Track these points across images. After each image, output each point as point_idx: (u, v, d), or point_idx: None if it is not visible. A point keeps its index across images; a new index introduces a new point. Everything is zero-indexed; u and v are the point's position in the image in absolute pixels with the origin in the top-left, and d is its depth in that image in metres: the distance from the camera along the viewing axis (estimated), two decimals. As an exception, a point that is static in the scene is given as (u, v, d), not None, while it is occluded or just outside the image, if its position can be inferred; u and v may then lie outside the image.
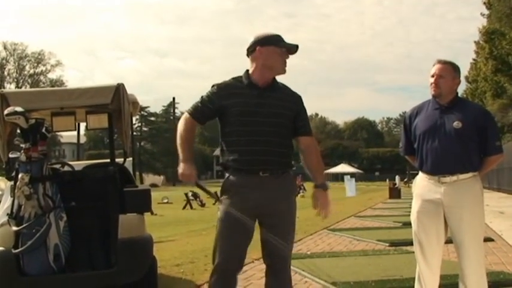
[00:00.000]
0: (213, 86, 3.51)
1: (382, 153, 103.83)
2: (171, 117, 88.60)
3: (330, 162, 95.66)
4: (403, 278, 5.70)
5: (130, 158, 5.62)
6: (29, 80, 79.14)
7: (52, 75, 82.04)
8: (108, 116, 4.83)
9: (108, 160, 5.01)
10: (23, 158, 4.32)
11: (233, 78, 3.52)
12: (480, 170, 4.02)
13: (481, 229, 4.07)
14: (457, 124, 3.85)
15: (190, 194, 23.55)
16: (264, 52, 3.41)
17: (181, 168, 3.35)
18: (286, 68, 3.51)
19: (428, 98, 4.07)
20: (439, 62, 4.01)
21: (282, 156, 3.47)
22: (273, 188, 3.41)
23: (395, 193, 26.92)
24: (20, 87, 77.21)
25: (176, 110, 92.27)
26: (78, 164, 6.04)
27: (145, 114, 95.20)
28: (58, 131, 5.73)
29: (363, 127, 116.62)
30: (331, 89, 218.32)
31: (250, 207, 3.38)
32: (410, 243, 8.05)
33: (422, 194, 4.02)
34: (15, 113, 4.18)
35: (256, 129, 3.38)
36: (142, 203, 4.68)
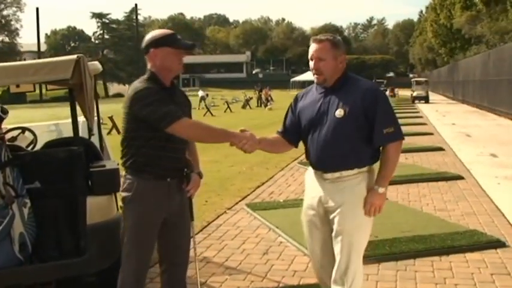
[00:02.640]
0: (143, 89, 3.32)
1: (349, 60, 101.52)
2: (134, 24, 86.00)
3: (297, 69, 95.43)
4: (378, 239, 5.65)
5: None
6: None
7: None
8: (70, 91, 4.45)
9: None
10: (-23, 146, 3.98)
11: (147, 81, 3.38)
12: (382, 166, 3.35)
13: (359, 236, 3.37)
14: (339, 112, 3.26)
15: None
16: (159, 54, 3.36)
17: (238, 139, 3.35)
18: None
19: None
20: (315, 40, 3.39)
21: (186, 160, 3.55)
22: (180, 193, 3.51)
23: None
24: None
25: (139, 17, 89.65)
26: (38, 127, 5.73)
27: (107, 21, 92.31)
28: (17, 93, 5.40)
29: (330, 33, 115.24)
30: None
31: (162, 213, 3.46)
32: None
33: (308, 188, 3.56)
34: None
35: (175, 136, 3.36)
36: (110, 183, 4.41)
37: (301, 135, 3.51)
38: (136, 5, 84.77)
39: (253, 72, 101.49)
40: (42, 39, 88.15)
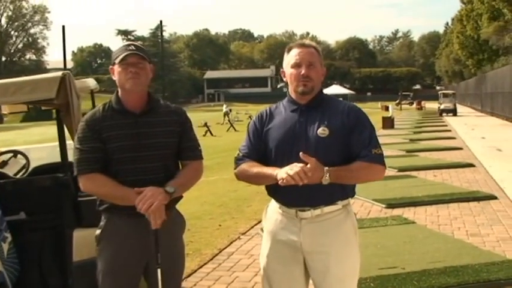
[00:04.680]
0: (82, 120, 2.98)
1: (374, 73, 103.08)
2: (159, 41, 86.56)
3: (322, 83, 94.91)
4: (405, 271, 5.08)
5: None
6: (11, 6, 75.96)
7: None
8: (56, 112, 4.03)
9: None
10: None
11: (104, 105, 2.99)
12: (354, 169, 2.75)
13: (354, 280, 2.92)
14: (322, 131, 2.76)
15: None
16: (114, 72, 2.99)
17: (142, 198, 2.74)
18: None
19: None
20: (302, 45, 2.90)
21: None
22: (164, 230, 2.82)
23: (388, 123, 26.41)
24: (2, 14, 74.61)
25: (164, 33, 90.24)
26: (28, 149, 5.34)
27: (133, 38, 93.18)
28: (12, 113, 5.01)
29: (354, 46, 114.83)
30: (322, 6, 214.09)
31: (138, 255, 2.92)
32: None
33: (275, 232, 2.90)
34: None
35: (140, 167, 2.89)
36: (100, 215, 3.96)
37: (266, 162, 2.86)
38: (161, 21, 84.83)
39: (278, 86, 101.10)
40: (69, 56, 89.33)
